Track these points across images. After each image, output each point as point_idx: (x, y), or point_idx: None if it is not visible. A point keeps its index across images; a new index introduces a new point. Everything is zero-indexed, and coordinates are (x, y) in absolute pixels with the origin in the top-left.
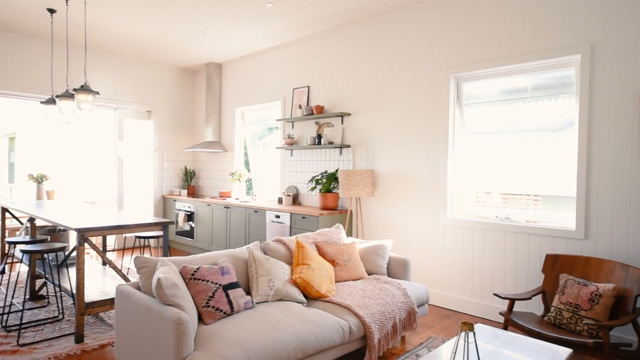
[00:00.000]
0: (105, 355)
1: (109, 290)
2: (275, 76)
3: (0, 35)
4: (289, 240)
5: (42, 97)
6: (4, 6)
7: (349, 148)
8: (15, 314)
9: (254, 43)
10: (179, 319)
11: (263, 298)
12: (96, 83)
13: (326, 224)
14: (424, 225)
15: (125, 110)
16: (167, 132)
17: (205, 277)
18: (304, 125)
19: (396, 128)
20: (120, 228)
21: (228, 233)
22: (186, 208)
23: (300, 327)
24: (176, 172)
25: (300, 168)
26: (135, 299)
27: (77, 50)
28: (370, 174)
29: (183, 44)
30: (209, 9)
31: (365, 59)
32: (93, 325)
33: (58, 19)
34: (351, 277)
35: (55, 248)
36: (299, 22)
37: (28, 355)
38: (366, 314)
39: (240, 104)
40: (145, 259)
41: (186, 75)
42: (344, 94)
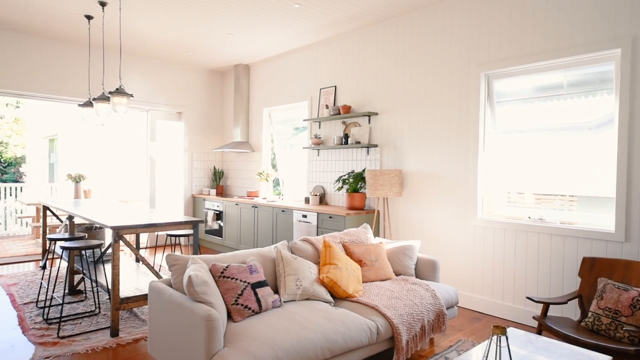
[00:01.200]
0: (138, 350)
1: (142, 286)
2: (302, 76)
3: (41, 42)
4: (316, 239)
5: (80, 100)
6: (45, 15)
7: (376, 148)
8: (55, 307)
9: (281, 44)
10: (209, 315)
11: (291, 297)
12: (130, 86)
13: (353, 224)
14: (453, 225)
15: (157, 112)
16: (197, 133)
17: (234, 275)
18: (331, 125)
19: (424, 127)
20: (153, 226)
21: (256, 232)
22: (215, 207)
23: (327, 326)
24: (205, 172)
25: (327, 168)
26: (167, 296)
27: (112, 55)
28: (397, 173)
29: (212, 47)
30: (238, 11)
31: (392, 57)
32: (127, 320)
33: (95, 25)
34: (379, 277)
35: (92, 245)
36: (326, 22)
37: (68, 347)
38: (394, 315)
39: (267, 105)
40: (176, 256)
41: (215, 76)
42: (371, 93)
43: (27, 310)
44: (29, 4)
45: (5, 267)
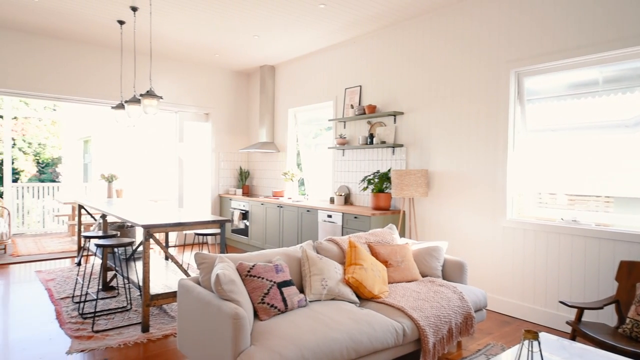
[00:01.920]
0: (168, 345)
1: (171, 284)
2: (327, 77)
3: (76, 47)
4: (342, 240)
5: (112, 103)
6: (81, 21)
7: (401, 147)
8: (90, 302)
9: (306, 44)
10: (236, 314)
11: (316, 297)
12: (160, 88)
13: (378, 224)
14: (481, 227)
15: (185, 113)
16: (224, 134)
17: (260, 274)
18: (356, 125)
19: (451, 126)
20: (181, 225)
21: (281, 232)
22: (241, 207)
23: (353, 327)
24: (232, 172)
25: (352, 168)
26: (195, 293)
27: (142, 58)
28: (424, 173)
29: (239, 48)
30: (264, 12)
31: (418, 56)
32: (157, 316)
33: (126, 30)
34: (404, 278)
35: (124, 243)
36: (350, 22)
37: (102, 341)
38: (420, 317)
39: (292, 105)
40: (204, 255)
41: (241, 78)
42: (397, 92)
43: (64, 305)
44: (66, 12)
45: (44, 263)
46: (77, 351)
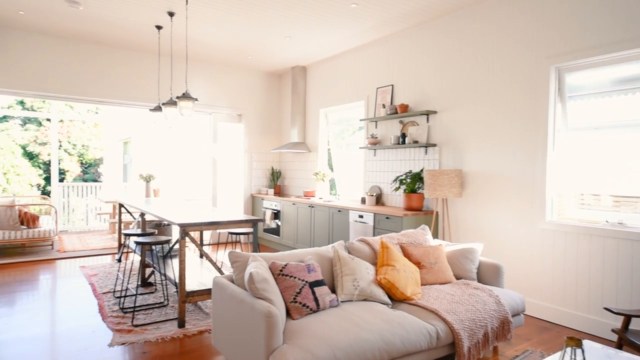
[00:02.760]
0: (203, 341)
1: (206, 281)
2: (358, 76)
3: (117, 53)
4: (373, 240)
5: (150, 105)
6: (121, 28)
7: (434, 147)
8: (129, 297)
9: (338, 44)
10: (269, 312)
11: (348, 297)
12: (195, 90)
13: (410, 225)
14: (518, 229)
15: (219, 114)
16: (256, 134)
17: (292, 273)
18: (388, 124)
19: (487, 125)
20: (216, 224)
21: (312, 231)
22: (273, 207)
23: (385, 328)
24: (264, 172)
25: (383, 168)
26: (229, 291)
27: (178, 61)
28: (457, 173)
29: (271, 50)
30: (296, 14)
31: (452, 54)
32: (192, 312)
33: (163, 34)
34: (438, 280)
35: (161, 241)
36: (382, 21)
37: (141, 335)
38: (455, 320)
39: (324, 105)
40: (238, 253)
41: (273, 79)
42: (430, 91)
43: (106, 299)
44: (108, 19)
45: (87, 259)
46: (118, 344)
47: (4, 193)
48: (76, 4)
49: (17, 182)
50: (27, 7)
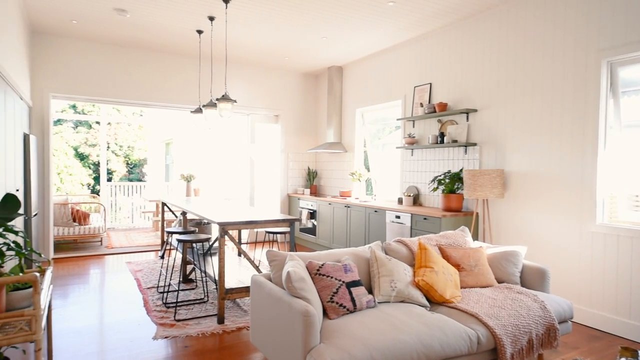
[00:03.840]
0: (241, 338)
1: (244, 279)
2: (395, 75)
3: (159, 57)
4: (411, 241)
5: (191, 107)
6: (164, 33)
7: (474, 146)
8: (172, 293)
9: (374, 43)
10: (306, 311)
11: (385, 298)
12: (233, 92)
13: (449, 226)
14: (565, 231)
15: (256, 115)
16: (292, 135)
17: (329, 273)
18: (426, 123)
19: (532, 123)
20: (254, 223)
21: (348, 232)
22: (309, 206)
23: (423, 331)
24: (300, 172)
25: (421, 168)
26: (267, 289)
27: (218, 64)
28: (499, 173)
29: (307, 50)
30: (332, 14)
31: (494, 50)
32: (231, 309)
33: (204, 38)
34: (478, 283)
35: (202, 239)
36: (420, 18)
37: (183, 330)
38: (497, 325)
39: (360, 105)
40: (275, 252)
41: (309, 79)
42: (470, 89)
43: (150, 294)
44: (153, 25)
45: (133, 255)
46: (161, 337)
47: (58, 192)
48: (124, 12)
49: (70, 182)
50: (79, 17)
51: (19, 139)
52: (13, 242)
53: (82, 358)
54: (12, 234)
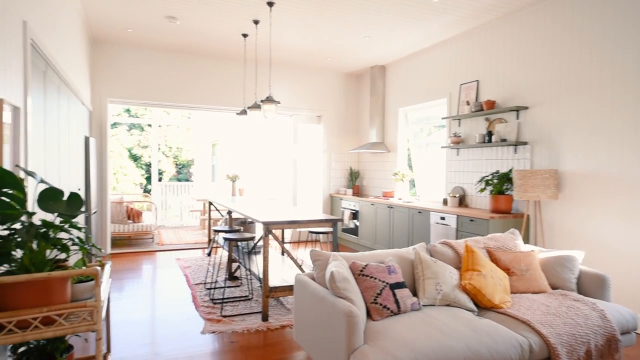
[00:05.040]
0: (285, 336)
1: (287, 277)
2: (440, 73)
3: (206, 61)
4: (457, 243)
5: (236, 109)
6: (211, 38)
7: (525, 145)
8: (218, 289)
9: (418, 41)
10: (350, 311)
11: (430, 301)
12: (277, 93)
13: (498, 229)
14: (630, 236)
15: (299, 116)
16: (334, 135)
17: (373, 274)
18: (472, 122)
19: (590, 120)
20: (297, 223)
21: (391, 232)
22: (351, 207)
23: (471, 336)
24: (342, 172)
25: (467, 168)
26: (311, 289)
27: (262, 66)
28: (553, 173)
29: (350, 51)
30: (376, 13)
31: (547, 43)
32: (275, 307)
33: (248, 41)
34: (530, 289)
35: (247, 237)
36: (467, 14)
37: (229, 325)
38: (551, 333)
39: (403, 104)
40: (319, 252)
41: (351, 79)
42: (520, 85)
43: (198, 290)
44: (200, 30)
45: (182, 252)
46: (209, 332)
47: (114, 191)
48: (174, 20)
49: (124, 182)
50: (134, 25)
51: (81, 142)
52: (77, 238)
53: (137, 348)
54: (76, 229)
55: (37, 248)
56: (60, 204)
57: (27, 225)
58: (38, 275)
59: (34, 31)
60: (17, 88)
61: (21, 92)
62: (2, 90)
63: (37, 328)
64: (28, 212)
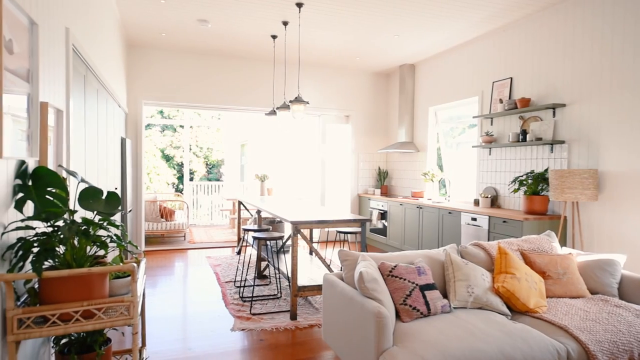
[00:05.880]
0: (313, 335)
1: (315, 277)
2: (471, 71)
3: (236, 63)
4: (489, 245)
5: (265, 110)
6: (241, 40)
7: (562, 144)
8: (248, 287)
9: (449, 38)
10: (379, 312)
11: (461, 304)
12: (305, 93)
13: (532, 230)
14: None
15: (327, 116)
16: (363, 135)
17: (402, 275)
18: (505, 121)
19: (632, 118)
20: (325, 223)
21: (420, 233)
22: (379, 207)
23: (504, 340)
24: (370, 172)
25: (499, 168)
26: (339, 289)
27: (291, 67)
28: (592, 173)
29: (379, 50)
30: (405, 11)
31: (586, 38)
32: (303, 306)
33: (277, 42)
34: (567, 293)
35: (276, 237)
36: (500, 9)
37: (258, 323)
38: (590, 340)
39: (433, 103)
40: (348, 252)
41: (380, 79)
42: (557, 82)
43: (228, 288)
44: (230, 33)
45: (212, 250)
46: (239, 329)
47: (148, 190)
48: (206, 23)
49: (157, 181)
50: (167, 30)
51: (118, 143)
52: (114, 235)
53: (170, 344)
54: (113, 227)
55: (78, 245)
56: (99, 202)
57: (69, 222)
58: (80, 270)
59: (76, 37)
60: (60, 92)
61: (63, 96)
62: (46, 94)
63: (78, 321)
64: (70, 210)
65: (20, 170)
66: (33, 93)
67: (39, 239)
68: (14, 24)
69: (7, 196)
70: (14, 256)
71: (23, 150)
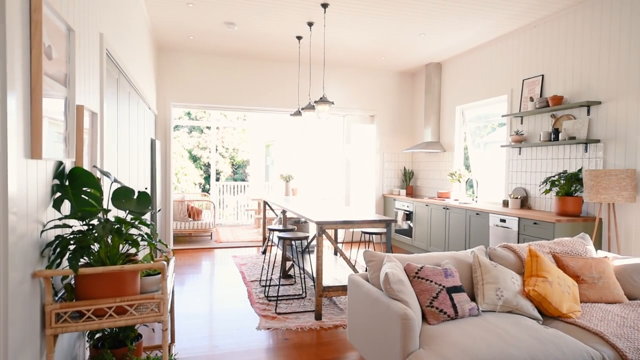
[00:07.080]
0: (338, 335)
1: (340, 277)
2: (500, 69)
3: (261, 64)
4: (519, 247)
5: (290, 110)
6: (266, 42)
7: (597, 144)
8: (273, 287)
9: (476, 36)
10: (405, 314)
11: (490, 307)
12: (329, 94)
13: (564, 233)
14: None
15: (352, 116)
16: (388, 135)
17: (428, 277)
18: (536, 119)
19: None
20: (350, 223)
21: (447, 234)
22: (405, 207)
23: (535, 346)
24: (395, 172)
25: (530, 168)
26: (365, 289)
27: (316, 68)
28: (630, 174)
29: (404, 48)
30: (431, 9)
31: (624, 31)
32: (328, 306)
33: (303, 43)
34: (603, 298)
35: (301, 237)
36: (531, 5)
37: (283, 323)
38: (628, 348)
39: (460, 102)
40: (373, 253)
41: (405, 78)
42: (591, 79)
43: (253, 287)
44: (256, 34)
45: (237, 249)
46: (264, 328)
47: (176, 190)
48: (232, 25)
49: (185, 181)
50: (195, 33)
51: (148, 144)
52: (145, 234)
53: (198, 341)
54: (144, 226)
55: (111, 243)
56: (131, 202)
57: (103, 221)
58: (113, 267)
59: (109, 42)
60: (94, 95)
61: (98, 99)
62: (82, 97)
63: (112, 317)
64: (104, 209)
65: (58, 171)
66: (70, 97)
67: (75, 237)
68: (52, 31)
69: (46, 195)
70: (52, 253)
71: (60, 152)
